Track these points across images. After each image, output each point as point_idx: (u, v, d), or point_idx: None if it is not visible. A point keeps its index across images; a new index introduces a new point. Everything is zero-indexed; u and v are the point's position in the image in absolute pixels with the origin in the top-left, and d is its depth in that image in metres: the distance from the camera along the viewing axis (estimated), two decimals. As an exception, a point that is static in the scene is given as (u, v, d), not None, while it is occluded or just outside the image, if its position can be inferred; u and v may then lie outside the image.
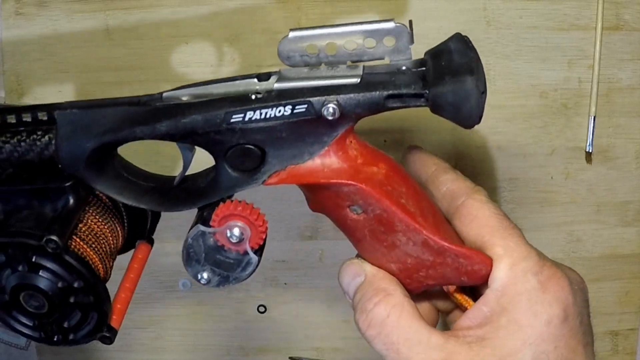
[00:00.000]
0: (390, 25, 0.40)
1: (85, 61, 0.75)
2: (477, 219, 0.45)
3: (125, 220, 0.50)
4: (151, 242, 0.51)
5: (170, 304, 0.84)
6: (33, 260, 0.43)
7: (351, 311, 0.47)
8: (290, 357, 0.84)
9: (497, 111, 0.76)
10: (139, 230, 0.51)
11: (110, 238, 0.48)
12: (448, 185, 0.48)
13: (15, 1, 0.74)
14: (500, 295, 0.42)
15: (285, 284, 0.83)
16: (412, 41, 0.41)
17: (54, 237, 0.42)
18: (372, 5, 0.73)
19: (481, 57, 0.42)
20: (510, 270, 0.42)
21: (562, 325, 0.41)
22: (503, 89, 0.75)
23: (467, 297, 0.46)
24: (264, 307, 0.84)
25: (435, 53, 0.42)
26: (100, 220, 0.47)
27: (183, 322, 0.85)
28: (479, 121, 0.41)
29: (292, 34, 0.42)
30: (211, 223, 0.43)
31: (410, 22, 0.41)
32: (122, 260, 0.52)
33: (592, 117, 0.75)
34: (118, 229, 0.49)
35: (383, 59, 0.42)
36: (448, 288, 0.47)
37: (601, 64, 0.74)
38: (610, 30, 0.74)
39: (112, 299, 0.46)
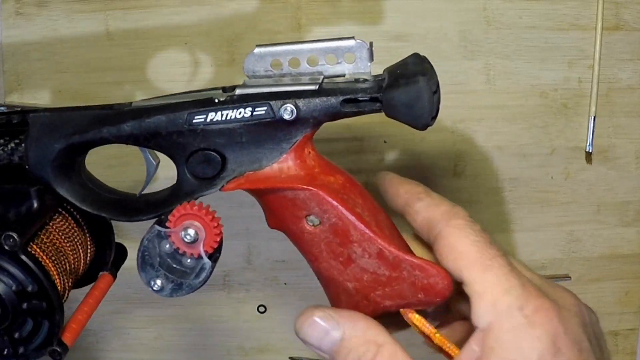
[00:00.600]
0: (351, 42, 0.43)
1: (85, 61, 0.75)
2: (455, 250, 0.42)
3: (90, 248, 0.50)
4: (114, 276, 0.52)
5: (170, 304, 0.84)
6: None
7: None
8: (290, 357, 0.84)
9: (497, 111, 0.76)
10: (102, 262, 0.51)
11: (71, 257, 0.48)
12: (423, 213, 0.44)
13: (15, 1, 0.74)
14: (486, 334, 0.40)
15: (285, 284, 0.83)
16: (371, 58, 0.43)
17: (12, 234, 0.42)
18: (371, 6, 0.73)
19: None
20: (492, 308, 0.40)
21: (554, 358, 0.39)
22: (503, 89, 0.75)
23: (424, 321, 0.45)
24: (264, 307, 0.84)
25: (393, 67, 0.44)
26: (62, 237, 0.47)
27: (183, 322, 0.85)
28: (432, 121, 0.42)
29: (257, 50, 0.44)
30: (167, 224, 0.44)
31: (371, 42, 0.43)
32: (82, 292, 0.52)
33: (592, 117, 0.75)
34: (80, 252, 0.49)
35: (344, 75, 0.44)
36: (406, 314, 0.45)
37: (601, 64, 0.74)
38: (610, 30, 0.74)
39: (67, 319, 0.46)
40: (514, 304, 0.39)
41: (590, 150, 0.76)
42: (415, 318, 0.44)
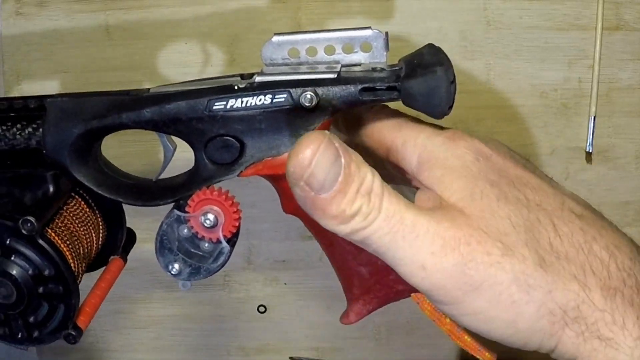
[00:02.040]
0: (367, 32, 0.43)
1: (85, 61, 0.76)
2: (376, 126, 0.44)
3: (102, 232, 0.51)
4: (125, 259, 0.52)
5: (170, 304, 0.84)
6: (7, 243, 0.43)
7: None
8: (290, 357, 0.84)
9: (497, 111, 0.76)
10: (113, 247, 0.52)
11: (85, 241, 0.48)
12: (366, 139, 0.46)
13: (15, 1, 0.74)
14: (419, 167, 0.41)
15: (285, 284, 0.83)
16: (387, 48, 0.44)
17: (30, 218, 0.42)
18: (371, 6, 0.73)
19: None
20: (415, 146, 0.42)
21: (483, 163, 0.40)
22: (503, 89, 0.75)
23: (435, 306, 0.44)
24: (264, 307, 0.84)
25: (409, 57, 0.45)
26: (76, 222, 0.48)
27: (183, 322, 0.85)
28: (449, 111, 0.42)
29: (275, 38, 0.44)
30: (187, 209, 0.44)
31: (387, 32, 0.44)
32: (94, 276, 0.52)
33: (592, 117, 0.75)
34: (93, 236, 0.49)
35: (360, 64, 0.44)
36: (418, 298, 0.46)
37: (601, 64, 0.74)
38: (610, 30, 0.74)
39: (81, 301, 0.46)
40: (434, 137, 0.42)
41: (590, 150, 0.76)
42: (427, 302, 0.45)
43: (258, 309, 0.84)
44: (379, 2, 0.73)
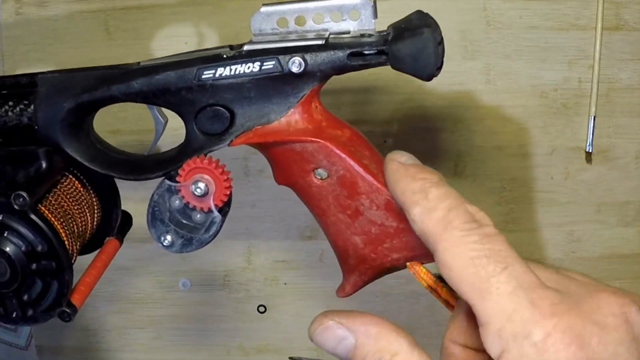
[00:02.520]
0: (356, 0, 0.44)
1: (85, 61, 0.75)
2: (450, 273, 0.36)
3: (96, 212, 0.50)
4: (120, 241, 0.52)
5: (170, 304, 0.84)
6: None
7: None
8: (290, 357, 0.84)
9: (497, 111, 0.76)
10: (108, 228, 0.52)
11: (79, 220, 0.48)
12: (417, 224, 0.38)
13: (15, 1, 0.74)
14: None
15: (285, 284, 0.83)
16: (375, 15, 0.44)
17: (22, 193, 0.42)
18: (372, 5, 0.73)
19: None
20: (499, 338, 0.34)
21: None
22: (503, 89, 0.75)
23: (431, 274, 0.43)
24: (264, 307, 0.84)
25: (397, 23, 0.45)
26: (70, 199, 0.48)
27: (183, 322, 0.85)
28: (437, 72, 0.42)
29: (264, 9, 0.44)
30: (177, 178, 0.44)
31: (374, 0, 0.45)
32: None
33: (592, 117, 0.75)
34: (87, 215, 0.49)
35: (349, 32, 0.44)
36: (413, 267, 0.44)
37: (601, 64, 0.74)
38: (610, 30, 0.74)
39: (76, 282, 0.46)
40: (519, 332, 0.33)
41: (590, 150, 0.76)
42: (422, 271, 0.44)
43: (258, 309, 0.84)
44: (379, 2, 0.73)
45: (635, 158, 0.78)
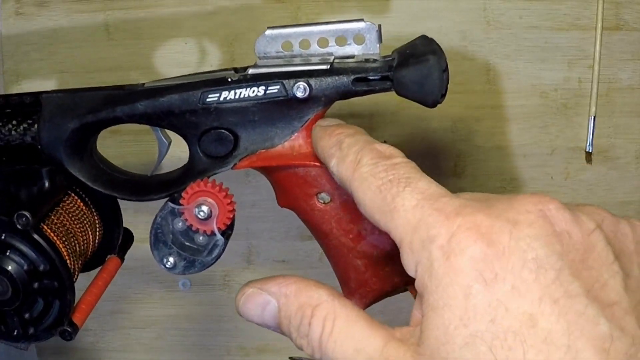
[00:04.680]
0: (360, 24, 0.44)
1: (85, 61, 0.76)
2: (363, 206, 0.36)
3: (98, 230, 0.51)
4: (122, 259, 0.52)
5: (170, 304, 0.84)
6: (2, 238, 0.43)
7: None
8: (290, 357, 0.84)
9: (497, 111, 0.76)
10: (110, 246, 0.52)
11: (81, 239, 0.48)
12: (336, 175, 0.38)
13: (15, 1, 0.74)
14: (416, 284, 0.33)
15: (285, 284, 0.83)
16: (380, 40, 0.44)
17: (25, 213, 0.42)
18: (371, 6, 0.73)
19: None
20: (411, 253, 0.32)
21: (486, 291, 0.30)
22: (503, 89, 0.75)
23: None
24: (264, 307, 0.84)
25: (402, 48, 0.45)
26: (72, 218, 0.48)
27: (183, 322, 0.85)
28: (441, 99, 0.42)
29: (268, 32, 0.44)
30: (181, 201, 0.44)
31: (379, 25, 0.44)
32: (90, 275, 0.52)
33: (592, 117, 0.75)
34: (89, 233, 0.49)
35: (354, 56, 0.44)
36: (413, 290, 0.45)
37: (601, 64, 0.74)
38: (610, 30, 0.74)
39: (77, 300, 0.46)
40: (425, 239, 0.32)
41: (590, 150, 0.76)
42: None
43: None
44: (379, 1, 0.73)
45: (635, 158, 0.78)
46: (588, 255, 0.31)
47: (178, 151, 0.47)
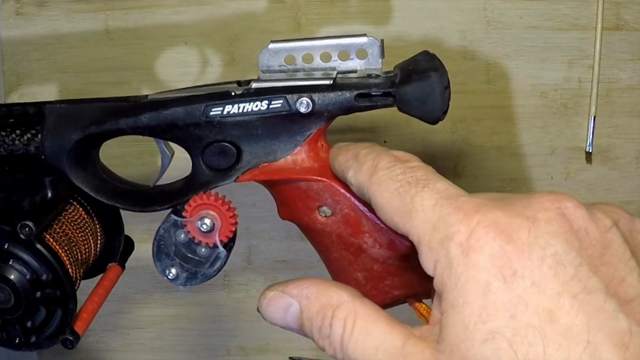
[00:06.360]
0: (363, 39, 0.44)
1: (85, 61, 0.76)
2: (382, 210, 0.36)
3: (100, 239, 0.51)
4: (122, 267, 0.52)
5: (170, 304, 0.84)
6: (5, 247, 0.43)
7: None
8: (290, 357, 0.84)
9: (497, 111, 0.76)
10: (111, 254, 0.52)
11: (82, 247, 0.48)
12: (354, 185, 0.39)
13: (15, 1, 0.74)
14: (435, 283, 0.33)
15: (285, 284, 0.83)
16: (382, 55, 0.44)
17: (28, 223, 0.43)
18: (371, 6, 0.73)
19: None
20: (430, 252, 0.32)
21: (506, 287, 0.30)
22: (503, 89, 0.75)
23: (431, 311, 0.42)
24: (264, 307, 0.84)
25: (404, 63, 0.45)
26: (74, 227, 0.48)
27: (183, 322, 0.85)
28: (443, 116, 0.43)
29: (272, 45, 0.45)
30: (184, 213, 0.45)
31: (382, 40, 0.44)
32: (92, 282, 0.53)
33: (592, 117, 0.75)
34: (91, 242, 0.50)
35: (356, 71, 0.45)
36: (413, 303, 0.45)
37: (601, 64, 0.74)
38: (610, 30, 0.74)
39: (78, 307, 0.47)
40: (444, 237, 0.32)
41: (590, 150, 0.76)
42: (422, 308, 0.44)
43: (258, 309, 0.84)
44: (379, 2, 0.73)
45: (635, 158, 0.78)
46: (605, 252, 0.32)
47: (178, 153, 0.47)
